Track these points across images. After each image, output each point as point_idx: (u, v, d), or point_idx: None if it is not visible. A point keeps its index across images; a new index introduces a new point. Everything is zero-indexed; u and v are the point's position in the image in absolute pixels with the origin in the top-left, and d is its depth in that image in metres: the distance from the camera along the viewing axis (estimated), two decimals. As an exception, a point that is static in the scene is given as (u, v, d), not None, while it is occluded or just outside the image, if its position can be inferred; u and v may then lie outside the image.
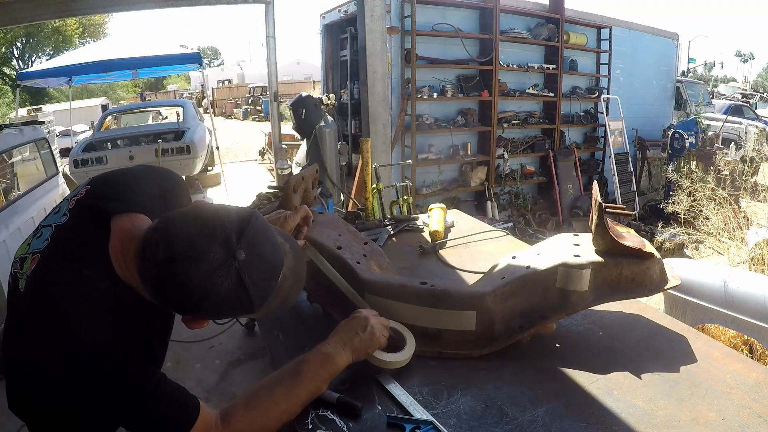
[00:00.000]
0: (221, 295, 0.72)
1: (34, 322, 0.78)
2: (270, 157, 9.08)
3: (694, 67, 27.66)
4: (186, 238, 0.73)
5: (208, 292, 0.72)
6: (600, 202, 1.16)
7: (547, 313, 1.15)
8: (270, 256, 0.78)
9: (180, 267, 0.71)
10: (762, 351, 2.41)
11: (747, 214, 4.50)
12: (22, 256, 0.86)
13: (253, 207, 1.98)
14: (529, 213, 6.36)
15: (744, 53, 51.14)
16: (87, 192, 0.90)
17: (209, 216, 0.75)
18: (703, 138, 7.06)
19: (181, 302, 0.75)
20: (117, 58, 6.59)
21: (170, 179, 1.05)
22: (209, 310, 0.76)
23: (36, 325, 0.77)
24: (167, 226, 0.75)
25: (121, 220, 0.84)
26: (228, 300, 0.74)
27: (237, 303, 0.75)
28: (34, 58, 21.30)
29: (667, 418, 0.93)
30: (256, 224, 0.77)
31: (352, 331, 1.02)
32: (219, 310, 0.76)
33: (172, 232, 0.74)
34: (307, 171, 1.54)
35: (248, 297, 0.74)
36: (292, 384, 0.91)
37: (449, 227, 2.04)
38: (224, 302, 0.74)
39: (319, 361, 0.95)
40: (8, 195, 4.20)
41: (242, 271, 0.73)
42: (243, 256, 0.73)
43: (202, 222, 0.74)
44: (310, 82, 21.55)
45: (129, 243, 0.80)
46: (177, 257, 0.71)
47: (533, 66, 6.36)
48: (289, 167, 4.72)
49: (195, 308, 0.76)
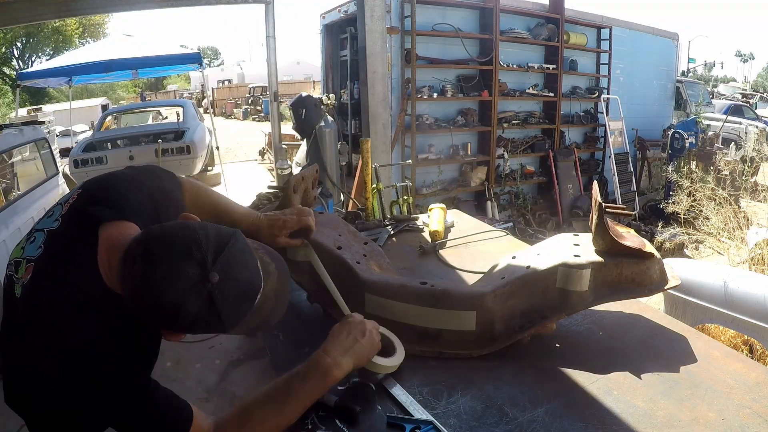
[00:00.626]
0: (193, 314, 0.74)
1: (30, 326, 0.78)
2: (270, 157, 9.08)
3: (694, 67, 27.67)
4: (163, 255, 0.74)
5: (180, 310, 0.73)
6: (600, 202, 1.16)
7: (547, 313, 1.15)
8: (246, 280, 0.79)
9: (153, 285, 0.73)
10: (762, 351, 2.41)
11: (747, 214, 4.50)
12: (17, 260, 0.86)
13: (253, 207, 1.98)
14: (529, 213, 6.36)
15: (744, 53, 51.15)
16: (78, 196, 0.89)
17: (189, 234, 0.76)
18: (703, 138, 7.06)
19: (155, 317, 0.77)
20: (117, 58, 6.60)
21: (166, 182, 1.05)
22: (182, 327, 0.78)
23: (32, 329, 0.78)
24: (147, 241, 0.77)
25: (110, 227, 0.84)
26: (200, 320, 0.75)
27: (208, 324, 0.76)
28: (34, 58, 21.31)
29: (667, 418, 0.93)
30: (236, 246, 0.78)
31: (351, 337, 1.00)
32: (192, 328, 0.77)
33: (151, 247, 0.75)
34: (307, 171, 1.54)
35: (219, 319, 0.76)
36: (287, 401, 0.91)
37: (449, 227, 2.04)
38: (196, 322, 0.75)
39: (317, 376, 0.94)
40: (8, 195, 4.21)
41: (215, 293, 0.74)
42: (216, 278, 0.74)
43: (182, 240, 0.76)
44: (310, 82, 21.54)
45: (114, 253, 0.81)
46: (152, 275, 0.73)
47: (533, 66, 6.36)
48: (289, 167, 4.72)
49: (167, 324, 0.78)
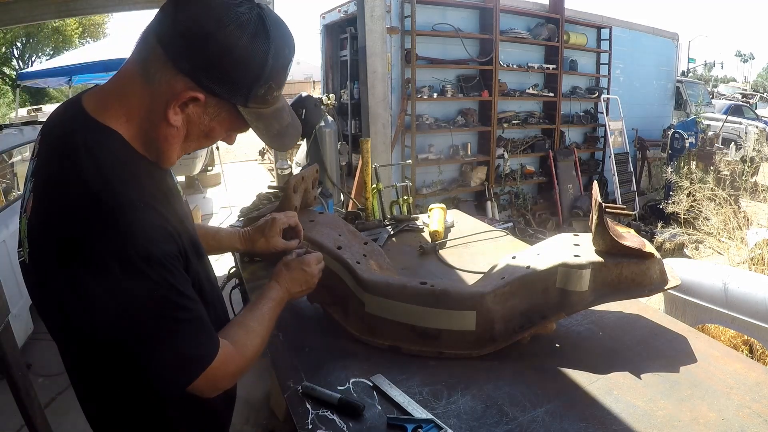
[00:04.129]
0: (243, 43, 0.72)
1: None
2: (270, 157, 9.08)
3: (694, 67, 27.65)
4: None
5: (230, 29, 0.71)
6: (600, 202, 1.16)
7: (547, 313, 1.15)
8: (287, 36, 0.79)
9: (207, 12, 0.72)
10: (762, 351, 2.41)
11: (747, 214, 4.50)
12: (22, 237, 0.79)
13: (253, 207, 1.98)
14: (529, 213, 6.36)
15: (744, 53, 51.09)
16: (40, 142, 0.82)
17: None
18: (703, 138, 7.06)
19: (198, 50, 0.72)
20: (117, 58, 6.60)
21: None
22: (225, 55, 0.73)
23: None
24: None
25: (91, 92, 0.80)
26: (247, 45, 0.73)
27: (253, 53, 0.74)
28: (34, 58, 21.29)
29: (667, 418, 0.93)
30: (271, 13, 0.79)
31: (295, 282, 1.07)
32: (236, 57, 0.73)
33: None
34: (307, 171, 1.54)
35: (267, 40, 0.74)
36: (260, 329, 0.93)
37: (449, 227, 2.04)
38: (243, 48, 0.73)
39: (276, 307, 1.00)
40: (8, 195, 4.20)
41: (264, 13, 0.75)
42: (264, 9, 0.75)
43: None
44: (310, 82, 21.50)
45: (108, 92, 0.77)
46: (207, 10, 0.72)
47: (533, 66, 6.36)
48: (289, 167, 4.72)
49: (208, 60, 0.72)
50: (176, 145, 0.79)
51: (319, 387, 1.03)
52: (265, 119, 0.82)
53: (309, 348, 1.22)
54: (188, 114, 0.76)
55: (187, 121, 0.77)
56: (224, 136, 0.84)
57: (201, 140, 0.82)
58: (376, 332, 1.21)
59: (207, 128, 0.80)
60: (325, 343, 1.24)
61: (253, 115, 0.80)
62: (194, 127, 0.79)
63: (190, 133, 0.79)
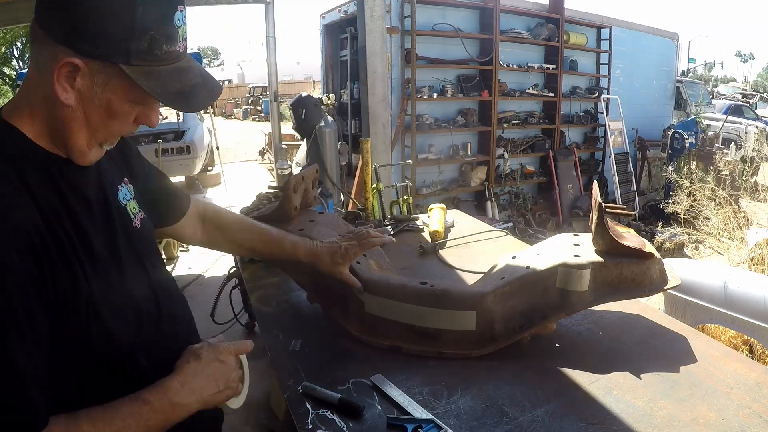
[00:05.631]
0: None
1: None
2: (270, 157, 9.08)
3: (694, 67, 27.67)
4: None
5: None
6: (600, 202, 1.16)
7: (547, 313, 1.15)
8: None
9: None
10: (762, 351, 2.41)
11: (747, 214, 4.50)
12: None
13: (253, 207, 1.98)
14: (529, 213, 6.36)
15: (744, 53, 51.13)
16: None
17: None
18: (703, 138, 7.07)
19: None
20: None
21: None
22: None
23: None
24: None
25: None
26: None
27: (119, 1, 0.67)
28: (34, 58, 21.26)
29: (667, 418, 0.93)
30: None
31: (208, 380, 0.80)
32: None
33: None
34: (307, 171, 1.54)
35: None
36: None
37: (449, 227, 2.04)
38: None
39: (152, 415, 0.73)
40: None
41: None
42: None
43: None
44: (310, 82, 21.52)
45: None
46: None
47: (533, 66, 6.36)
48: (289, 167, 4.72)
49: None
50: (78, 129, 0.72)
51: (319, 387, 1.03)
52: (158, 78, 0.72)
53: (309, 348, 1.22)
54: (78, 90, 0.70)
55: (81, 99, 0.71)
56: (130, 109, 0.74)
57: (106, 120, 0.73)
58: (376, 332, 1.21)
59: (104, 102, 0.72)
60: (325, 343, 1.24)
61: (142, 74, 0.70)
62: (90, 104, 0.71)
63: (89, 112, 0.72)
